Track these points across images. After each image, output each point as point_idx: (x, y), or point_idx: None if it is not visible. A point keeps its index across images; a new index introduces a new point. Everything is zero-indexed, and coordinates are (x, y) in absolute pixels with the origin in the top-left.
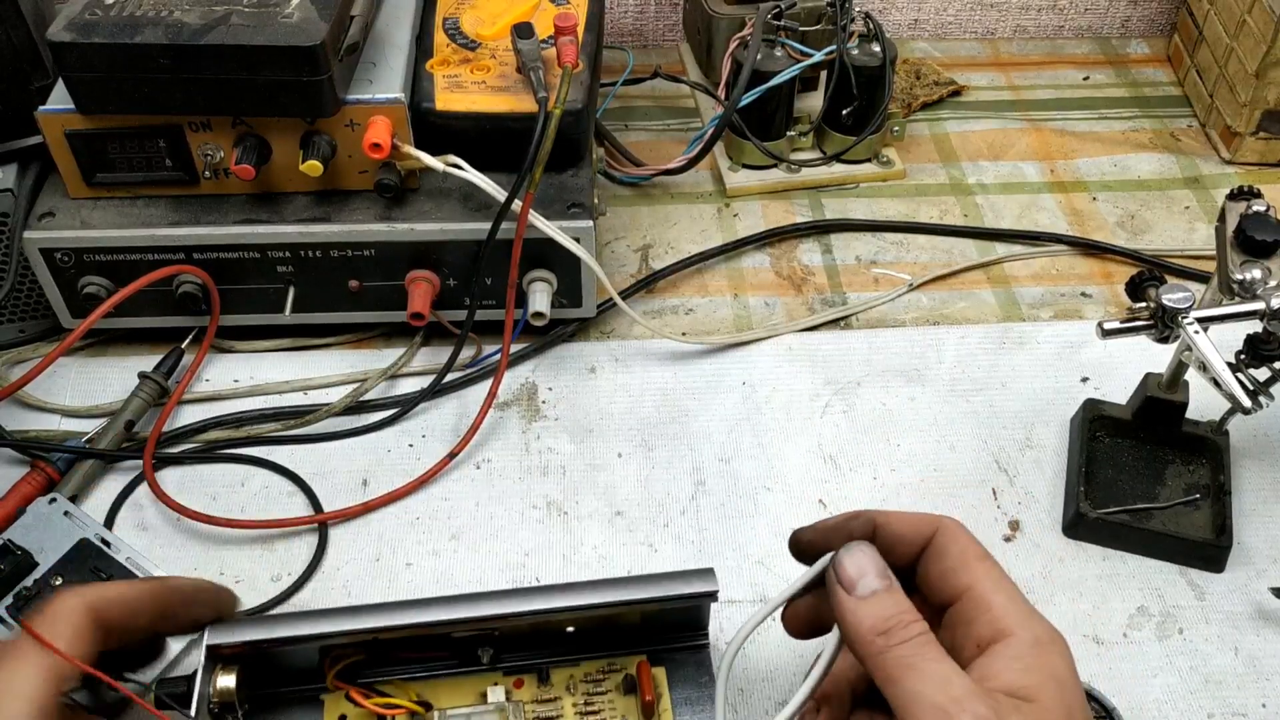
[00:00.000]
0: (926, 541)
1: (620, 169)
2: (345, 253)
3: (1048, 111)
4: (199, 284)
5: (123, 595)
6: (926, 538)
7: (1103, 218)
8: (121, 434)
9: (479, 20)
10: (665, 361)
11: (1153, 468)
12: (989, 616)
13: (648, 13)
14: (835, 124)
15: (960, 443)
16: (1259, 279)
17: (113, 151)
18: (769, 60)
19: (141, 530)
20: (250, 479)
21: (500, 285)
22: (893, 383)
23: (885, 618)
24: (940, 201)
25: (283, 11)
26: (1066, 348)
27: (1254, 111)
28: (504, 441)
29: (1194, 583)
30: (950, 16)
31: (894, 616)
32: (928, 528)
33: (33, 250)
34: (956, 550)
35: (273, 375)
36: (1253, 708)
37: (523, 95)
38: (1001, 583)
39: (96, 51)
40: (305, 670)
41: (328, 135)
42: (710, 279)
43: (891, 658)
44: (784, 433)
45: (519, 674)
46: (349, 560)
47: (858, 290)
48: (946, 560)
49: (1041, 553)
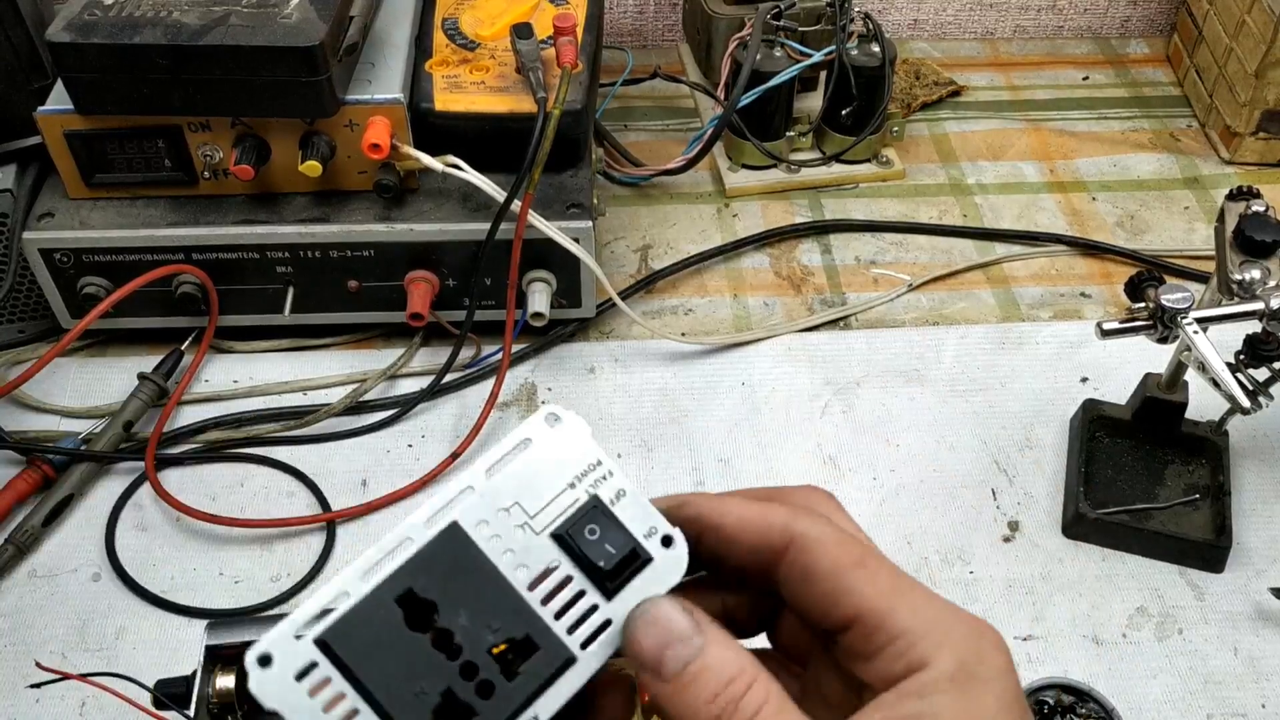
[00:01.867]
0: (777, 555)
1: (619, 169)
2: (344, 253)
3: (1047, 112)
4: (198, 284)
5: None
6: (776, 551)
7: (1102, 218)
8: (120, 434)
9: (478, 21)
10: (665, 362)
11: (1152, 468)
12: (894, 647)
13: (647, 13)
14: (835, 124)
15: (960, 443)
16: (1258, 279)
17: (112, 152)
18: (768, 60)
19: (141, 531)
20: (250, 479)
21: (499, 286)
22: (892, 383)
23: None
24: (940, 202)
25: (282, 12)
26: (1066, 348)
27: (1253, 111)
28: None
29: (1193, 583)
30: (949, 17)
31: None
32: (778, 538)
33: (32, 251)
34: (825, 565)
35: (272, 376)
36: (1252, 708)
37: (522, 96)
38: (898, 591)
39: (95, 52)
40: None
41: (327, 136)
42: (709, 279)
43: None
44: (783, 433)
45: None
46: (349, 560)
47: (857, 290)
48: (815, 584)
49: (1041, 553)
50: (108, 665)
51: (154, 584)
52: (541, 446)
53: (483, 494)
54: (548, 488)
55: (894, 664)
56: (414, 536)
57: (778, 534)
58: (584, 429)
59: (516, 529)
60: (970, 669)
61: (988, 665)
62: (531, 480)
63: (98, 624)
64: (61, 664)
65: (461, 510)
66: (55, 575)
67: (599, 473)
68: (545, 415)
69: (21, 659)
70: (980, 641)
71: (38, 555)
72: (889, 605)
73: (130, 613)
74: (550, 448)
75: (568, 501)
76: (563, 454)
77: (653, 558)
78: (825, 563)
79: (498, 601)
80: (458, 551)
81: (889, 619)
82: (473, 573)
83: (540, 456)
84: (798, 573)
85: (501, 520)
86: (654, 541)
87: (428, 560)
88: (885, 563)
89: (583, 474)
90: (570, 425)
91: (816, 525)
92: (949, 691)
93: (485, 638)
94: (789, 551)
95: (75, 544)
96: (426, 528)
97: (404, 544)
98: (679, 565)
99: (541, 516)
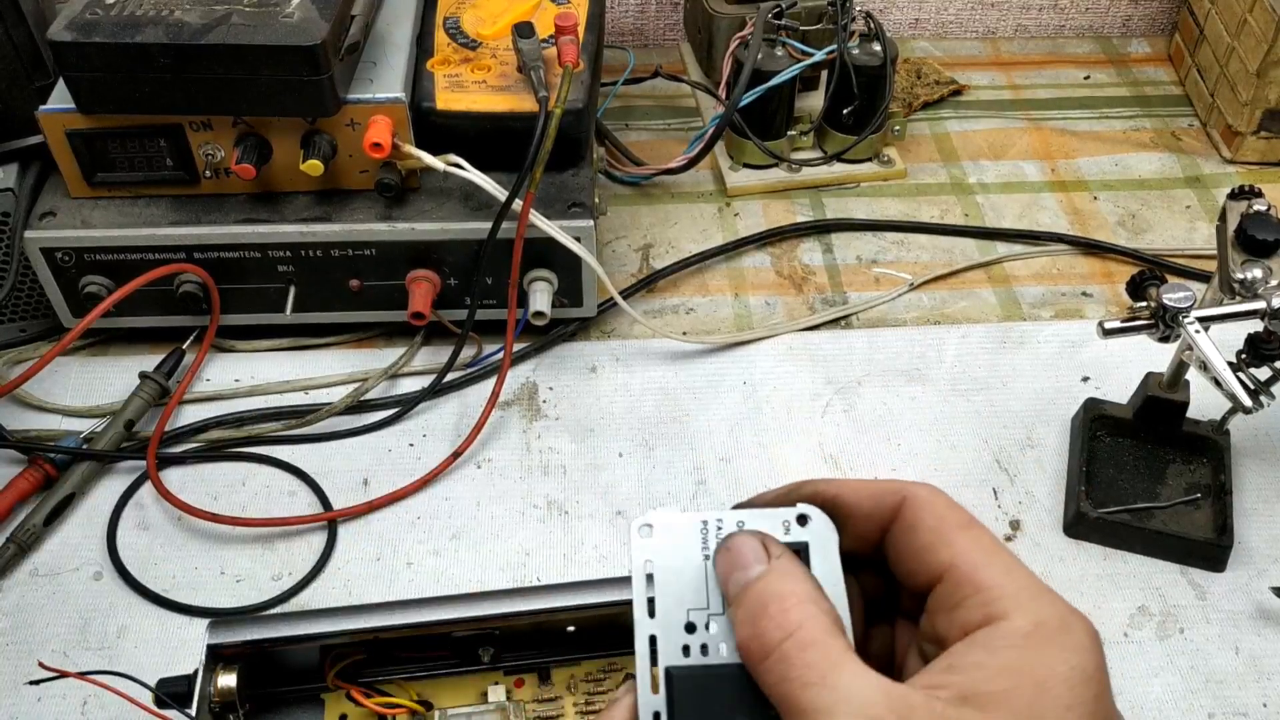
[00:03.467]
0: (891, 515)
1: (621, 168)
2: (346, 252)
3: (1048, 111)
4: (199, 283)
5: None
6: (890, 510)
7: (1103, 217)
8: (121, 433)
9: (479, 20)
10: (666, 361)
11: (1153, 467)
12: (979, 597)
13: (648, 12)
14: (836, 123)
15: (961, 442)
16: (1260, 278)
17: (113, 151)
18: (770, 60)
19: (143, 530)
20: (251, 479)
21: (501, 285)
22: (893, 382)
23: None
24: (941, 201)
25: (283, 11)
26: (1067, 347)
27: (1255, 111)
28: (505, 441)
29: (1195, 582)
30: (951, 16)
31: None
32: (891, 498)
33: (34, 250)
34: (931, 521)
35: (273, 375)
36: (1254, 707)
37: (523, 95)
38: (995, 553)
39: (97, 51)
40: (306, 670)
41: (328, 135)
42: (711, 278)
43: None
44: (785, 432)
45: (519, 673)
46: (350, 559)
47: (858, 290)
48: (919, 535)
49: (1042, 552)
50: (109, 664)
51: (155, 583)
52: (660, 556)
53: (664, 628)
54: (694, 578)
55: (973, 614)
56: (656, 709)
57: (891, 495)
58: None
59: (705, 630)
60: (1045, 631)
61: (1069, 633)
62: (680, 587)
63: (99, 623)
64: (63, 663)
65: (662, 657)
66: (57, 574)
67: (712, 530)
68: (639, 530)
69: (23, 658)
70: (1070, 617)
71: (39, 554)
72: (984, 560)
73: (132, 611)
74: (666, 551)
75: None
76: (678, 545)
77: (807, 542)
78: (931, 518)
79: (757, 692)
80: (692, 686)
81: (979, 572)
82: (718, 687)
83: (666, 564)
84: (905, 527)
85: (694, 635)
86: (795, 531)
87: (683, 713)
88: (991, 535)
89: (704, 544)
90: (661, 521)
91: (928, 489)
92: (1020, 647)
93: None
94: (901, 509)
95: (77, 543)
96: (655, 694)
97: (654, 718)
98: (828, 528)
99: (712, 602)
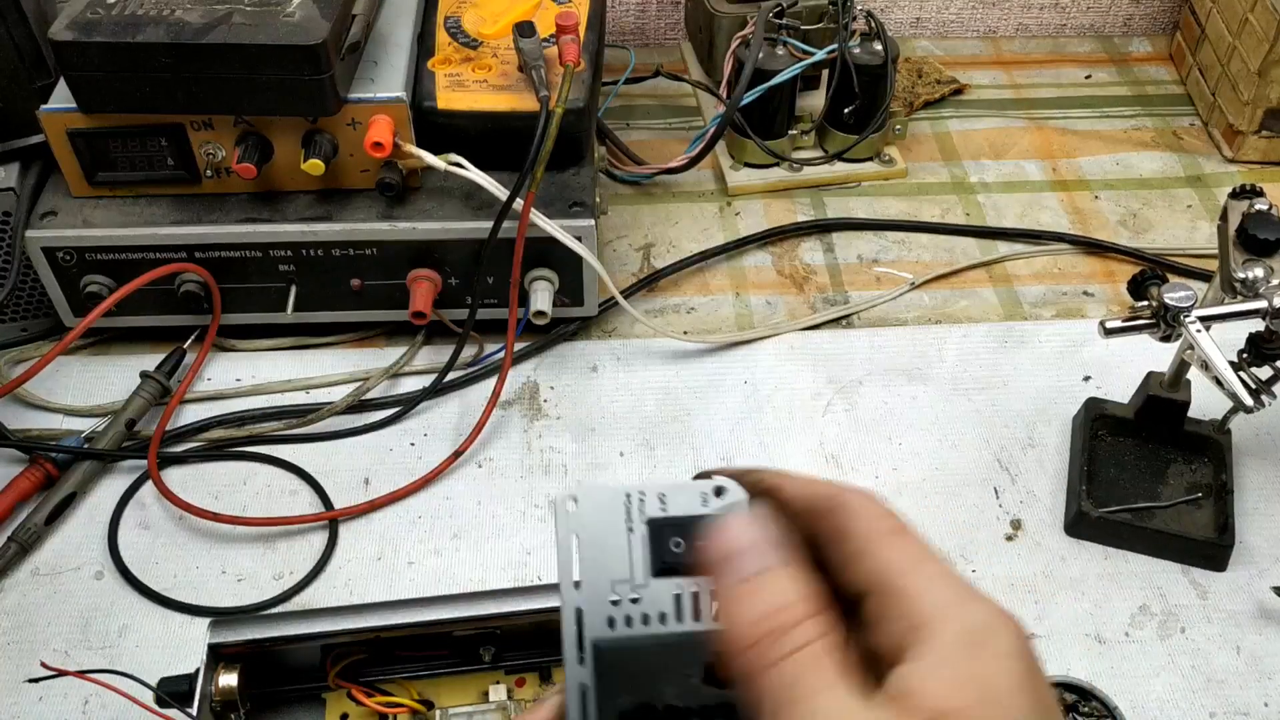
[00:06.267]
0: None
1: (622, 168)
2: (347, 251)
3: (1050, 110)
4: (201, 283)
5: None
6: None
7: (1105, 216)
8: (123, 433)
9: (480, 19)
10: (667, 360)
11: (1155, 467)
12: (903, 609)
13: (649, 11)
14: (837, 123)
15: (962, 441)
16: (1261, 277)
17: (114, 150)
18: (771, 59)
19: (144, 529)
20: (252, 478)
21: (502, 284)
22: (894, 381)
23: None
24: (942, 200)
25: (284, 10)
26: (1068, 346)
27: (1256, 110)
28: (506, 440)
29: (1196, 582)
30: (952, 15)
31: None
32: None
33: (35, 249)
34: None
35: (274, 374)
36: (1255, 706)
37: (524, 94)
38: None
39: (98, 50)
40: (307, 669)
41: (329, 134)
42: (712, 278)
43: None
44: (786, 431)
45: (521, 673)
46: (351, 559)
47: (859, 289)
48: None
49: (1043, 552)
50: (110, 663)
51: (157, 582)
52: (586, 528)
53: (588, 602)
54: (618, 550)
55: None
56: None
57: (826, 500)
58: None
59: (631, 600)
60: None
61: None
62: (604, 558)
63: (100, 622)
64: (64, 662)
65: (589, 630)
66: (58, 573)
67: (635, 501)
68: (563, 502)
69: (25, 657)
70: (991, 617)
71: (40, 553)
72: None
73: (133, 611)
74: (591, 523)
75: (639, 544)
76: (601, 518)
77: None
78: (860, 525)
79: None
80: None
81: (903, 581)
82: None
83: (591, 537)
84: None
85: (619, 608)
86: (713, 503)
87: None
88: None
89: (627, 516)
90: (586, 494)
91: (862, 496)
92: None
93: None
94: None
95: (78, 542)
96: (581, 665)
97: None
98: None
99: (636, 572)
